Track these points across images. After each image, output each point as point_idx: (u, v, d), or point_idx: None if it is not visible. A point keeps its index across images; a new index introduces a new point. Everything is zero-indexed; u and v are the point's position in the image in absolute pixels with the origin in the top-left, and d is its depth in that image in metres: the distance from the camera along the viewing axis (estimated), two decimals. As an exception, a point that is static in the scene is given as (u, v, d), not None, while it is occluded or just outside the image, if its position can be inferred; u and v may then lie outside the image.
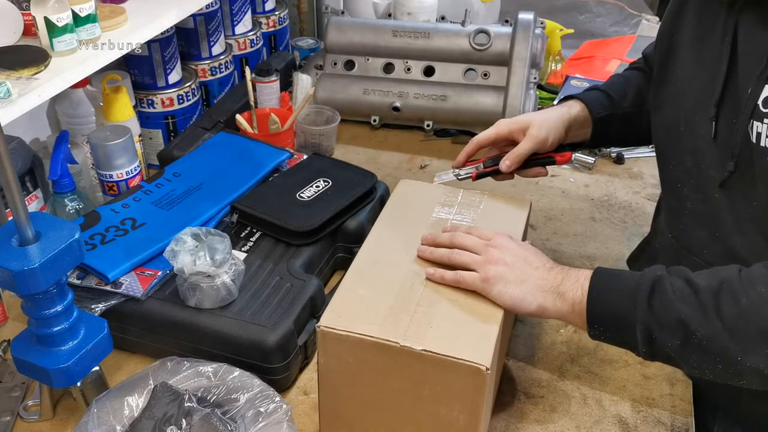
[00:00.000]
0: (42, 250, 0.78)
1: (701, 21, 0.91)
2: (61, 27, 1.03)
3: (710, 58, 0.88)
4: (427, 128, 1.62)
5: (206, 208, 1.18)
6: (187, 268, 0.98)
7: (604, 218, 1.36)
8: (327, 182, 1.25)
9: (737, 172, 0.84)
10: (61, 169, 1.16)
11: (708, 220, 0.91)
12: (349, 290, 0.88)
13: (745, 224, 0.86)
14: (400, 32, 1.63)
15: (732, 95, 0.84)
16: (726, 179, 0.86)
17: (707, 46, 0.89)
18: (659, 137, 1.02)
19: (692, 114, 0.91)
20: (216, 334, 0.99)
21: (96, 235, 1.10)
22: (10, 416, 0.96)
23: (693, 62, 0.92)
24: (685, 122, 0.93)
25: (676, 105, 0.95)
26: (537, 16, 1.58)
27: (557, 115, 1.10)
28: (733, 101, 0.84)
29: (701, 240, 0.93)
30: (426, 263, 0.93)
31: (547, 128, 1.08)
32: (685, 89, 0.93)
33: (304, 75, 1.66)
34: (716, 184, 0.87)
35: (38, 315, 0.84)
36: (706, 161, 0.89)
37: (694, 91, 0.91)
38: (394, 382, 0.82)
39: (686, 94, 0.92)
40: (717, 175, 0.87)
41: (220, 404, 0.90)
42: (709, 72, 0.87)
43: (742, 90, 0.82)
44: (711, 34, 0.88)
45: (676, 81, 0.95)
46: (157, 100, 1.47)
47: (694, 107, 0.90)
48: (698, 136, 0.90)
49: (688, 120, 0.92)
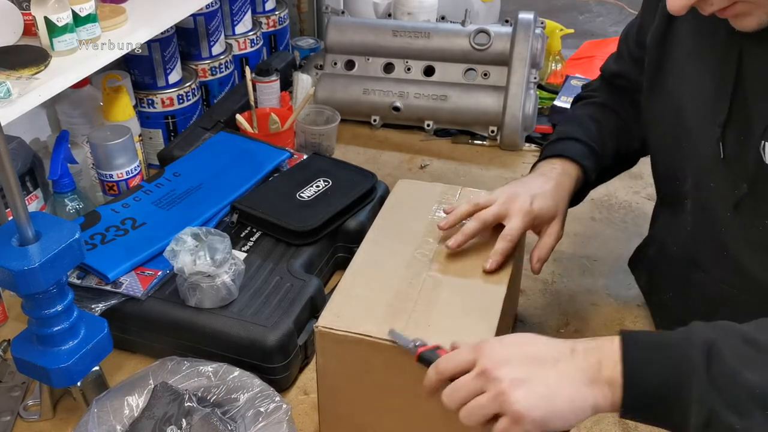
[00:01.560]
0: (42, 250, 0.78)
1: (700, 33, 0.88)
2: (61, 27, 1.03)
3: (712, 74, 0.85)
4: (428, 128, 1.62)
5: (206, 207, 1.18)
6: (187, 268, 0.98)
7: (604, 218, 1.36)
8: (327, 182, 1.25)
9: (752, 193, 0.82)
10: (61, 169, 1.16)
11: (715, 238, 0.89)
12: (348, 290, 0.88)
13: (756, 242, 0.84)
14: (400, 32, 1.63)
15: (740, 114, 0.81)
16: (739, 200, 0.83)
17: (708, 62, 0.86)
18: (659, 153, 0.99)
19: (696, 133, 0.88)
20: (216, 334, 0.99)
21: (96, 235, 1.10)
22: (10, 416, 0.96)
23: (691, 77, 0.89)
24: (688, 140, 0.90)
25: (676, 121, 0.92)
26: (537, 16, 1.58)
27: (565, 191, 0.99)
28: (741, 121, 0.81)
29: (708, 256, 0.91)
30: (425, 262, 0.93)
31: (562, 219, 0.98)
32: (686, 106, 0.89)
33: (304, 75, 1.66)
34: (728, 205, 0.85)
35: (38, 315, 0.84)
36: (714, 181, 0.86)
37: (696, 108, 0.88)
38: (393, 381, 0.82)
39: (687, 111, 0.89)
40: (728, 196, 0.84)
41: (220, 404, 0.90)
42: (712, 89, 0.85)
43: (752, 109, 0.80)
44: (711, 49, 0.85)
45: (672, 95, 0.92)
46: (157, 100, 1.47)
47: (698, 126, 0.87)
48: (704, 155, 0.87)
49: (692, 138, 0.89)
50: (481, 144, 1.61)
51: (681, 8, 0.76)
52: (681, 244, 0.97)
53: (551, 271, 1.22)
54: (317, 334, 0.83)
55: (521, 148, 1.59)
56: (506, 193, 0.95)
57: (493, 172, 1.52)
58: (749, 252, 0.85)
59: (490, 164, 1.55)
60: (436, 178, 1.48)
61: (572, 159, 1.01)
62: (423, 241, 0.96)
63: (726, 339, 0.65)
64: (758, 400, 0.61)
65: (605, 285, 1.19)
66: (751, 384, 0.62)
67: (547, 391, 0.66)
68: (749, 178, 0.81)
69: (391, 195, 1.06)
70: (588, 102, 1.13)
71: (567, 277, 1.21)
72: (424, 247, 0.95)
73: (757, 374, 0.62)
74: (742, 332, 0.66)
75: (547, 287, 1.19)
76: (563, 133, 1.07)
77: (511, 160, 1.56)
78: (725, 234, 0.87)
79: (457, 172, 1.52)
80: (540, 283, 1.20)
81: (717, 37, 0.84)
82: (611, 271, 1.21)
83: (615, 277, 1.18)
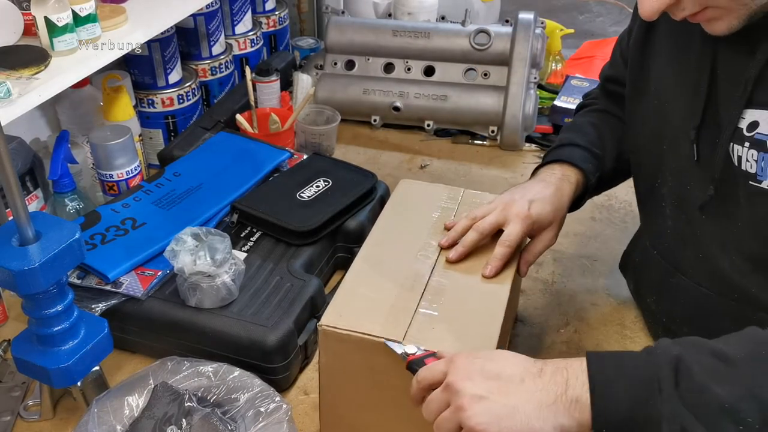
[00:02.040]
0: (42, 250, 0.78)
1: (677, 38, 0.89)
2: (61, 27, 1.03)
3: (689, 78, 0.86)
4: (428, 128, 1.62)
5: (206, 207, 1.18)
6: (188, 268, 0.98)
7: (604, 218, 1.36)
8: (327, 182, 1.25)
9: (718, 195, 0.83)
10: (62, 169, 1.16)
11: (692, 241, 0.90)
12: (351, 289, 0.88)
13: (729, 246, 0.85)
14: (400, 32, 1.63)
15: (712, 118, 0.83)
16: (706, 203, 0.85)
17: (685, 64, 0.87)
18: (640, 155, 0.99)
19: (675, 134, 0.89)
20: (216, 334, 0.99)
21: (96, 235, 1.10)
22: (11, 416, 0.96)
23: (672, 79, 0.90)
24: (668, 142, 0.91)
25: (656, 123, 0.93)
26: (537, 16, 1.58)
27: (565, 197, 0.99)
28: (713, 124, 0.83)
29: (687, 260, 0.92)
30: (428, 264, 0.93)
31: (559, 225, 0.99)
32: (666, 108, 0.90)
33: (304, 75, 1.66)
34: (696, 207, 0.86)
35: (38, 315, 0.84)
36: (690, 183, 0.88)
37: (675, 110, 0.89)
38: (395, 381, 0.82)
39: (667, 114, 0.90)
40: (699, 198, 0.86)
41: (220, 404, 0.90)
42: (689, 93, 0.86)
43: (723, 113, 0.81)
44: (688, 53, 0.86)
45: (654, 97, 0.93)
46: (158, 100, 1.47)
47: (677, 128, 0.88)
48: (681, 157, 0.88)
49: (671, 140, 0.90)
50: (481, 144, 1.61)
51: (652, 14, 0.77)
52: (662, 248, 0.97)
53: (551, 271, 1.22)
54: (320, 333, 0.83)
55: (521, 148, 1.59)
56: (503, 201, 0.96)
57: (493, 172, 1.52)
58: (723, 255, 0.86)
59: (490, 164, 1.55)
60: (436, 178, 1.48)
61: (572, 163, 1.02)
62: (426, 243, 0.96)
63: (694, 354, 0.65)
64: (728, 414, 0.61)
65: (605, 285, 1.19)
66: (721, 399, 0.61)
67: (503, 409, 0.66)
68: (716, 180, 0.82)
69: (393, 195, 1.06)
70: (589, 110, 1.14)
71: (567, 277, 1.21)
72: (427, 249, 0.95)
73: (726, 388, 0.62)
74: (710, 347, 0.66)
75: (547, 287, 1.19)
76: (564, 139, 1.07)
77: (511, 160, 1.56)
78: (700, 237, 0.88)
79: (457, 172, 1.52)
80: (540, 283, 1.20)
81: (693, 41, 0.85)
82: (611, 271, 1.20)
83: (615, 277, 1.18)
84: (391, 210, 1.03)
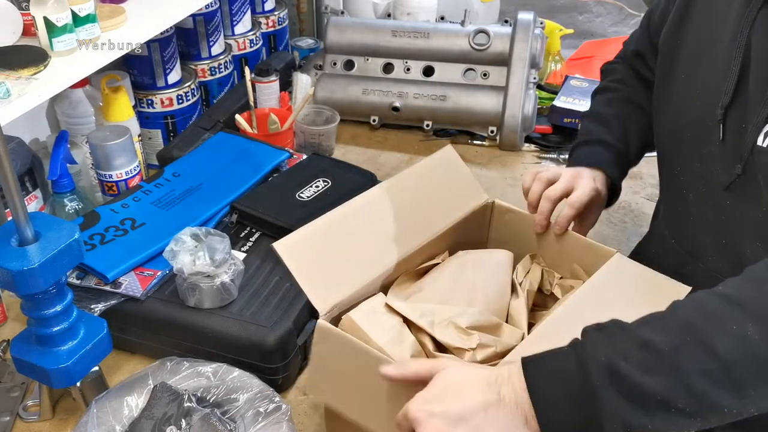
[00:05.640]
0: (41, 250, 0.78)
1: (709, 27, 0.90)
2: (60, 27, 1.03)
3: (719, 63, 0.86)
4: (427, 128, 1.62)
5: (206, 208, 1.18)
6: (187, 268, 0.98)
7: (604, 218, 1.36)
8: (327, 182, 1.25)
9: (745, 175, 0.83)
10: (61, 169, 1.16)
11: (716, 227, 0.90)
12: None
13: (752, 231, 0.85)
14: (399, 32, 1.63)
15: (742, 99, 0.83)
16: (732, 182, 0.85)
17: (716, 52, 0.87)
18: (663, 142, 1.00)
19: (700, 120, 0.89)
20: (215, 334, 0.99)
21: (95, 235, 1.10)
22: (10, 416, 0.96)
23: (700, 68, 0.90)
24: (693, 128, 0.91)
25: (682, 111, 0.93)
26: (537, 16, 1.58)
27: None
28: (743, 105, 0.83)
29: (707, 247, 0.92)
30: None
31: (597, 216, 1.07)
32: (692, 95, 0.91)
33: (303, 75, 1.66)
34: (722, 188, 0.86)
35: (38, 315, 0.84)
36: (715, 166, 0.88)
37: (703, 96, 0.89)
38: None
39: (693, 100, 0.91)
40: (725, 179, 0.86)
41: (219, 404, 0.90)
42: (718, 77, 0.86)
43: (753, 94, 0.81)
44: (719, 40, 0.87)
45: (681, 86, 0.94)
46: (157, 100, 1.47)
47: (703, 113, 0.89)
48: (706, 141, 0.88)
49: (696, 126, 0.90)
50: (481, 144, 1.61)
51: None
52: (682, 236, 0.97)
53: (551, 271, 1.22)
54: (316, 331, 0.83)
55: (520, 148, 1.59)
56: (570, 172, 1.02)
57: (493, 172, 1.52)
58: (745, 240, 0.86)
59: (489, 164, 1.55)
60: (435, 178, 1.47)
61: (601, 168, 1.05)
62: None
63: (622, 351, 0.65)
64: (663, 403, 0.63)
65: (605, 285, 1.19)
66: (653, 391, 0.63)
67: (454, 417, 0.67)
68: (745, 159, 0.82)
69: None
70: (614, 97, 1.13)
71: (566, 277, 1.21)
72: None
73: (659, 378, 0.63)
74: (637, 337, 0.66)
75: (546, 287, 1.19)
76: (591, 133, 1.09)
77: (510, 160, 1.56)
78: (725, 224, 0.88)
79: (457, 172, 1.52)
80: (539, 283, 1.19)
81: (726, 26, 0.86)
82: (611, 271, 1.20)
83: (614, 277, 1.18)
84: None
